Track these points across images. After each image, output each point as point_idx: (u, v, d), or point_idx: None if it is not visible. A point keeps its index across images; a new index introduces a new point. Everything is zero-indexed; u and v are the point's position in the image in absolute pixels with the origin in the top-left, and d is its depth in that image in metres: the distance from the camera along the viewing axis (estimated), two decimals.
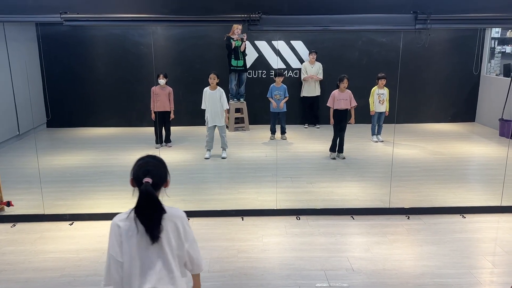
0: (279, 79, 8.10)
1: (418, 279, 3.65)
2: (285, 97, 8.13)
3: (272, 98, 8.14)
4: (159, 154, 2.26)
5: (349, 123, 7.06)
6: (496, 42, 9.28)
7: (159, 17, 4.52)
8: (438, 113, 9.76)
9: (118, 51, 9.33)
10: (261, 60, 9.53)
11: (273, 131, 8.37)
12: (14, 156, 7.30)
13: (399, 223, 4.72)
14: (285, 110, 8.25)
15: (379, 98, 7.95)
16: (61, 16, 4.33)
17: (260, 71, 9.55)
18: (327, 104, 7.05)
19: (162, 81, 7.57)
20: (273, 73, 9.37)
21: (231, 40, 8.60)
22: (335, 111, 6.97)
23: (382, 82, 7.91)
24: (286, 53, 9.56)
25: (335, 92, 6.98)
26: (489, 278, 3.66)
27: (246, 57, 9.01)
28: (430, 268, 3.83)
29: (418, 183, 5.94)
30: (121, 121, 9.44)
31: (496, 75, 9.26)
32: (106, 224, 4.64)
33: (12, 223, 4.73)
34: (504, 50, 9.15)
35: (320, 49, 9.44)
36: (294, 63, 9.55)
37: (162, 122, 7.73)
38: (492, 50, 9.38)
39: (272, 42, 9.44)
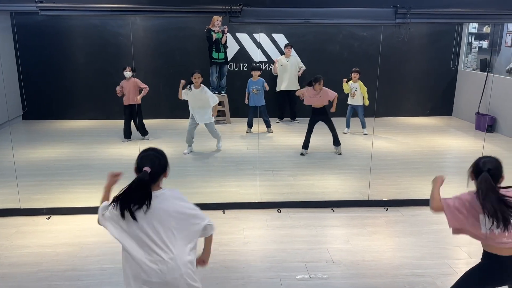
0: (255, 73, 8.06)
1: (397, 270, 3.72)
2: (263, 90, 8.10)
3: (249, 92, 8.10)
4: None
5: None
6: (473, 37, 9.45)
7: (138, 8, 4.45)
8: (416, 107, 9.89)
9: (97, 42, 9.13)
10: (242, 53, 9.47)
11: (250, 125, 8.35)
12: None
13: (378, 215, 4.79)
14: (264, 103, 8.23)
15: (350, 91, 8.01)
16: (37, 5, 4.21)
17: (241, 64, 9.49)
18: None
19: (128, 73, 7.39)
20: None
21: (212, 33, 8.52)
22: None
23: (355, 75, 7.94)
24: (267, 46, 9.53)
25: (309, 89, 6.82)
26: (465, 268, 3.71)
27: (227, 50, 8.94)
28: (408, 259, 3.90)
29: (396, 175, 6.03)
30: (99, 113, 9.26)
31: (473, 69, 9.44)
32: (84, 218, 4.62)
33: None
34: (480, 45, 9.32)
35: (301, 42, 9.43)
36: (275, 55, 9.50)
37: (130, 116, 7.54)
38: (469, 45, 9.55)
39: (254, 34, 9.39)
